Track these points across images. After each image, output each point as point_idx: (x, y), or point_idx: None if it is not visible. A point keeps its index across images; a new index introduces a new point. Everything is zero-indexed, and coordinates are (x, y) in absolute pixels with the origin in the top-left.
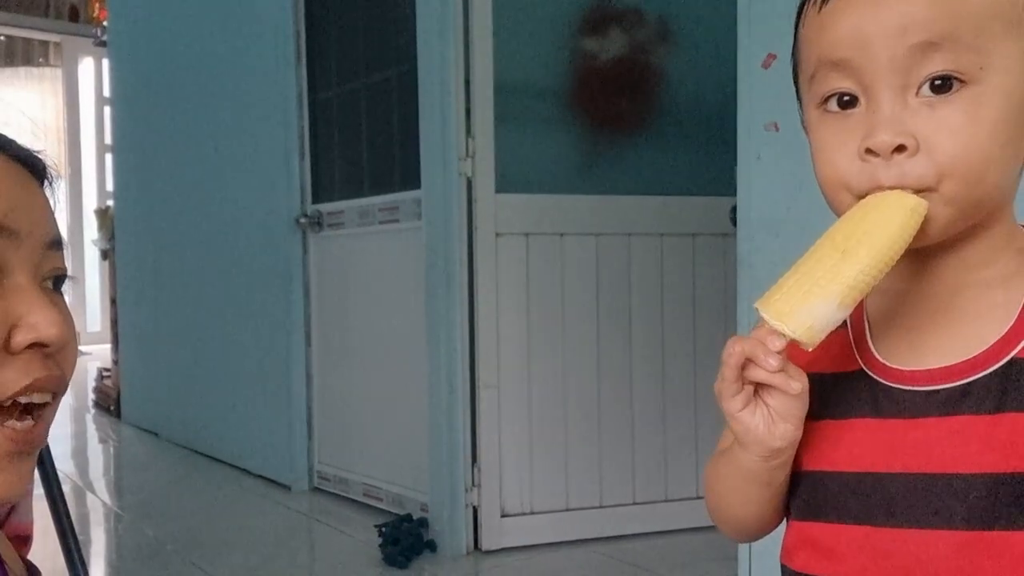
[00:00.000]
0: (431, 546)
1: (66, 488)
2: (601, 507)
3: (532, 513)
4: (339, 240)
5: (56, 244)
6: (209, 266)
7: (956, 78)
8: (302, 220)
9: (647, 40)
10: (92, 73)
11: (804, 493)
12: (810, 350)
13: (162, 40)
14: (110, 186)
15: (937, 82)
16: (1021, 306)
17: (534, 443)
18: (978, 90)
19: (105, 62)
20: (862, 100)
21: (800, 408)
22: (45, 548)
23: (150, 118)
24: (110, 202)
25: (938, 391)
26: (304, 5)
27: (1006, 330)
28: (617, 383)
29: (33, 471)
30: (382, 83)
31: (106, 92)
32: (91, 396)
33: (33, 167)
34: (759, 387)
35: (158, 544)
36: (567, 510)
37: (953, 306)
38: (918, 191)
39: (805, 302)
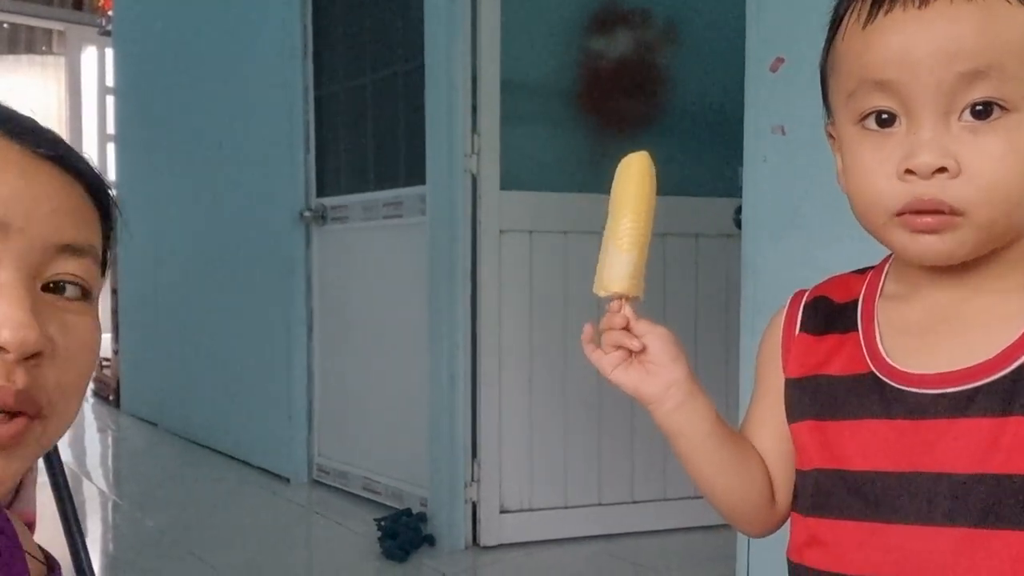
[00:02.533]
0: (430, 540)
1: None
2: (600, 505)
3: (531, 509)
4: (343, 234)
5: (70, 249)
6: (211, 257)
7: (998, 105)
8: (306, 213)
9: (654, 41)
10: (95, 62)
11: (813, 490)
12: (635, 294)
13: (167, 31)
14: (112, 176)
15: (979, 108)
16: None
17: (534, 439)
18: (1019, 118)
19: (108, 51)
20: (903, 119)
21: (664, 355)
22: (45, 535)
23: (154, 109)
24: (112, 192)
25: (947, 394)
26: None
27: (1016, 337)
28: None
29: (17, 472)
30: (388, 79)
31: (109, 82)
32: (90, 385)
33: (66, 166)
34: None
35: (157, 534)
36: (566, 507)
37: (964, 313)
38: (952, 213)
39: (607, 265)
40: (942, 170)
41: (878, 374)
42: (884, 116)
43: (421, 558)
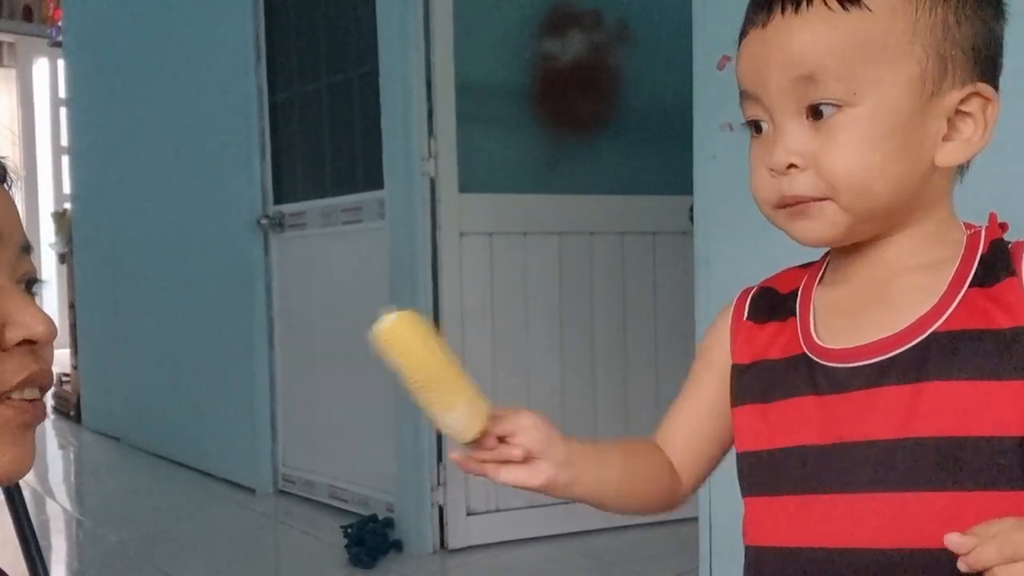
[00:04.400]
0: (397, 546)
1: (25, 494)
2: (565, 503)
3: (498, 511)
4: (302, 241)
5: (27, 248)
6: (170, 268)
7: (830, 104)
8: (263, 221)
9: (606, 41)
10: (47, 74)
11: (750, 471)
12: (474, 435)
13: (119, 40)
14: (67, 188)
15: (815, 109)
16: (945, 288)
17: None
18: (854, 111)
19: (60, 62)
20: (769, 125)
21: (539, 443)
22: (5, 555)
23: (108, 119)
24: (67, 205)
25: (865, 366)
26: (264, 5)
27: (929, 308)
28: (580, 380)
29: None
30: (343, 84)
31: (61, 93)
32: (50, 401)
33: None
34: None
35: (121, 549)
36: (532, 507)
37: (887, 291)
38: (816, 199)
39: (447, 425)
40: (793, 166)
41: (809, 354)
42: (756, 124)
43: (389, 564)
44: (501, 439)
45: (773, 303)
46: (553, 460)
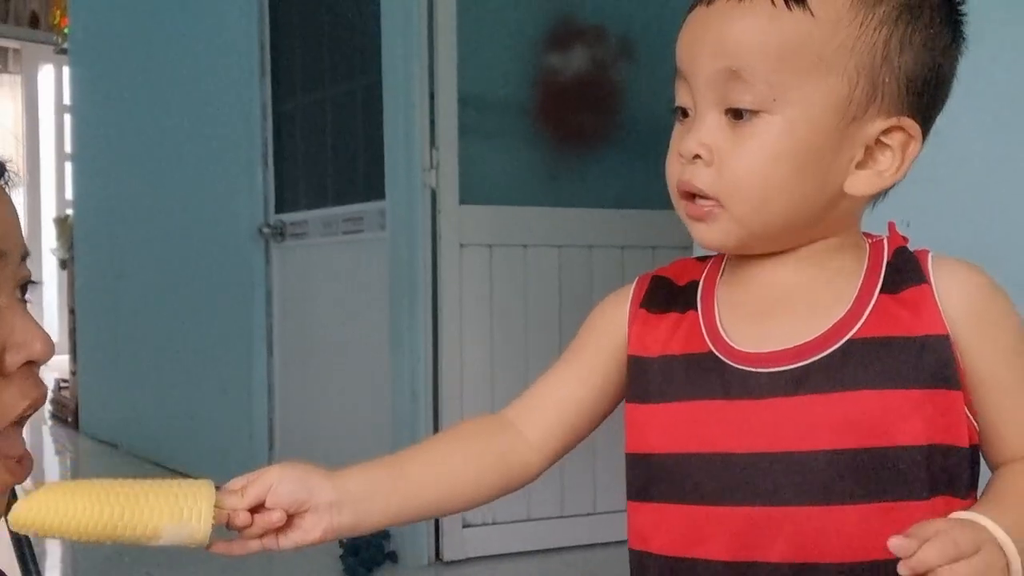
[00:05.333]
0: (392, 557)
1: None
2: (562, 517)
3: (494, 523)
4: (302, 250)
5: (27, 255)
6: (170, 276)
7: (747, 109)
8: (265, 230)
9: (609, 57)
10: (52, 81)
11: (651, 475)
12: (206, 533)
13: (125, 48)
14: (69, 195)
15: (731, 110)
16: (855, 295)
17: None
18: (770, 120)
19: (65, 69)
20: (693, 112)
21: (297, 496)
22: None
23: (112, 126)
24: (69, 211)
25: (782, 372)
26: (269, 16)
27: (843, 314)
28: None
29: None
30: (346, 95)
31: (66, 100)
32: (48, 407)
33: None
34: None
35: (115, 555)
36: (528, 520)
37: (795, 295)
38: (705, 198)
39: (181, 540)
40: (698, 157)
41: (717, 353)
42: (683, 111)
43: (384, 575)
44: (257, 509)
45: (671, 294)
46: (322, 506)
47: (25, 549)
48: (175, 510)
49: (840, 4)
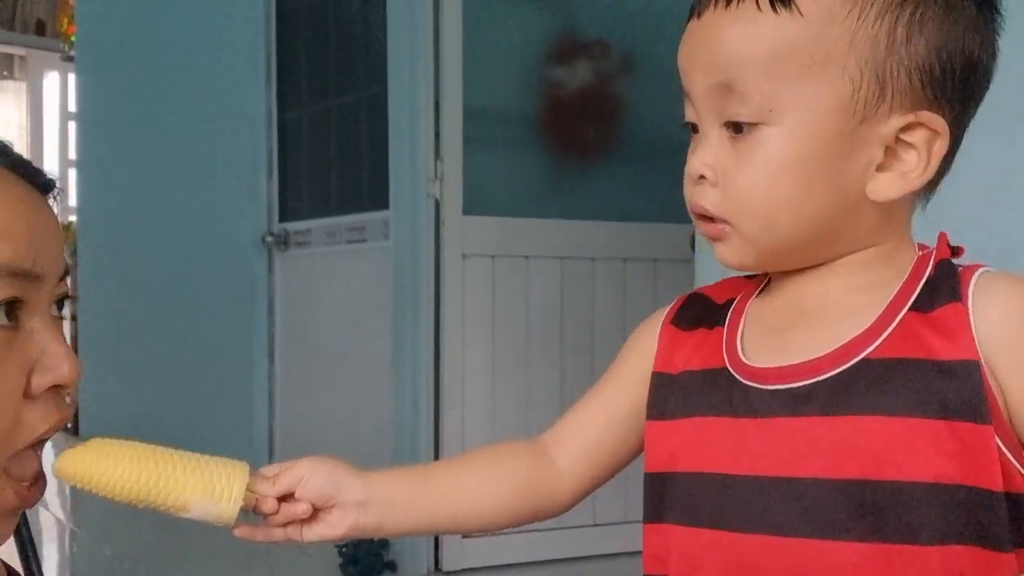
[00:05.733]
0: (391, 567)
1: None
2: (562, 528)
3: (493, 534)
4: (305, 259)
5: (66, 273)
6: (173, 283)
7: (745, 122)
8: (268, 238)
9: (612, 71)
10: (57, 87)
11: (658, 494)
12: (233, 513)
13: (132, 56)
14: (73, 201)
15: (734, 123)
16: (882, 310)
17: None
18: (769, 131)
19: (71, 76)
20: (700, 127)
21: (326, 490)
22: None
23: (117, 134)
24: (72, 218)
25: (785, 390)
26: (275, 25)
27: (861, 331)
28: None
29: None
30: (352, 104)
31: (71, 107)
32: None
33: (43, 187)
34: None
35: (115, 561)
36: (529, 531)
37: (819, 309)
38: (716, 220)
39: (208, 516)
40: (703, 177)
41: (730, 369)
42: (694, 126)
43: None
44: (285, 498)
45: (706, 311)
46: (349, 503)
47: (28, 550)
48: (208, 486)
49: None
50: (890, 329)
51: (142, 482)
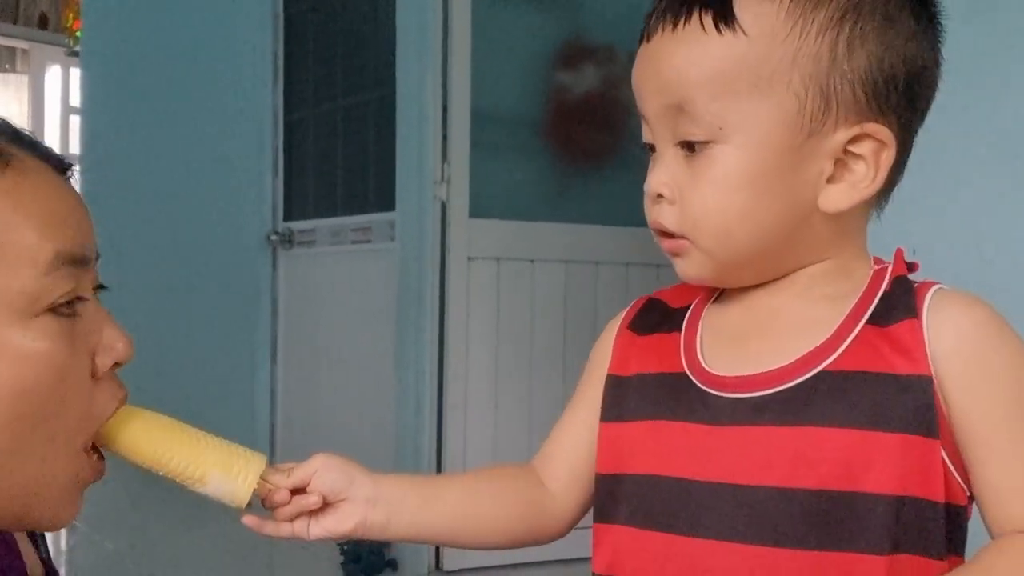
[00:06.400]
0: (393, 565)
1: None
2: None
3: None
4: (310, 259)
5: (97, 258)
6: (175, 281)
7: (697, 141)
8: (273, 237)
9: (619, 76)
10: (59, 82)
11: (611, 496)
12: (253, 492)
13: (137, 52)
14: None
15: (687, 142)
16: (839, 323)
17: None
18: (721, 149)
19: (72, 71)
20: (657, 148)
21: (338, 484)
22: None
23: (121, 130)
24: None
25: (744, 399)
26: (283, 25)
27: (820, 342)
28: None
29: None
30: (359, 106)
31: (72, 101)
32: None
33: (63, 169)
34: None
35: (116, 557)
36: None
37: (776, 319)
38: (675, 236)
39: (222, 496)
40: (661, 196)
41: (689, 374)
42: (650, 147)
43: None
44: (298, 491)
45: (662, 316)
46: (360, 499)
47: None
48: (228, 464)
49: (774, 17)
50: (848, 341)
51: (165, 446)
